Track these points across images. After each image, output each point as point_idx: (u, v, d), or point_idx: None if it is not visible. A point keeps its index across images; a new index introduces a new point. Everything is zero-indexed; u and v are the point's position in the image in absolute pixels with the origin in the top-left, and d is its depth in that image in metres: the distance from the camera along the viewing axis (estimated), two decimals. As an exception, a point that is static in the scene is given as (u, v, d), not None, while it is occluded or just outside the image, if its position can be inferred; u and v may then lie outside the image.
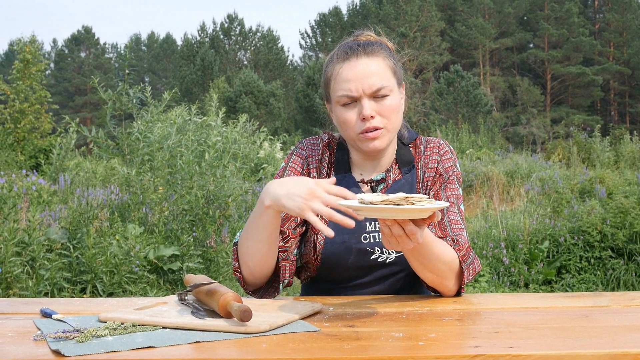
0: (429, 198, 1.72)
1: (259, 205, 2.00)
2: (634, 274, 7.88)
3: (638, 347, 1.45)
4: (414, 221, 1.74)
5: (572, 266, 8.03)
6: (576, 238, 8.25)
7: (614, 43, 53.80)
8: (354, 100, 2.17)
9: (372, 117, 2.15)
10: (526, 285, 7.88)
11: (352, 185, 2.28)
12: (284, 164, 2.36)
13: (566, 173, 13.91)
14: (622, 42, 53.30)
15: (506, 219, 9.48)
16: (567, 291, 7.67)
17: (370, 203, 1.68)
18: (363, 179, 2.30)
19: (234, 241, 2.18)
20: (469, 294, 2.24)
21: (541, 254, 8.16)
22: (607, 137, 19.36)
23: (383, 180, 2.29)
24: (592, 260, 8.08)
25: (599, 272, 7.97)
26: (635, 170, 14.73)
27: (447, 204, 1.76)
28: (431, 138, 2.37)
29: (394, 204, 1.66)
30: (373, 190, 2.29)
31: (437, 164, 2.29)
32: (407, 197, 1.68)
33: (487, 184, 13.87)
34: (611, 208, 8.50)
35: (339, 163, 2.32)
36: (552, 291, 7.72)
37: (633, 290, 7.64)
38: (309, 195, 1.83)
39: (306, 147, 2.36)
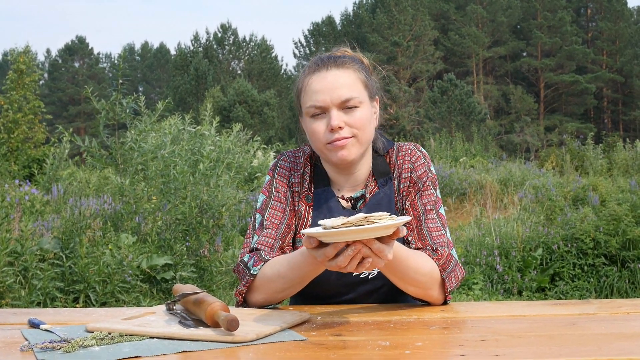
0: (390, 215, 1.72)
1: (314, 262, 1.95)
2: (627, 281, 7.90)
3: (624, 355, 1.45)
4: (380, 239, 1.73)
5: (565, 273, 8.03)
6: (569, 245, 8.26)
7: (607, 51, 54.02)
8: (322, 111, 2.16)
9: (340, 127, 2.13)
10: (519, 293, 7.88)
11: (331, 198, 2.27)
12: (268, 177, 2.34)
13: (559, 181, 13.93)
14: (615, 50, 53.54)
15: (499, 226, 9.49)
16: (560, 298, 7.68)
17: (332, 228, 1.68)
18: (343, 196, 2.29)
19: (252, 272, 2.12)
20: (457, 302, 2.25)
21: (534, 261, 8.17)
22: (600, 145, 19.41)
23: (363, 196, 2.28)
24: (586, 268, 8.09)
25: (592, 279, 7.97)
26: (628, 177, 14.76)
27: (409, 218, 1.75)
28: (402, 144, 2.34)
29: (355, 226, 1.66)
30: (354, 207, 2.27)
31: (411, 172, 2.27)
32: (366, 217, 1.68)
33: (480, 192, 13.89)
34: (604, 215, 8.51)
35: (318, 177, 2.31)
36: (545, 298, 7.72)
37: (626, 298, 7.65)
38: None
39: (289, 159, 2.35)
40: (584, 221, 8.54)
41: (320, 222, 1.74)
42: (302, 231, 1.78)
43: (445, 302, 2.17)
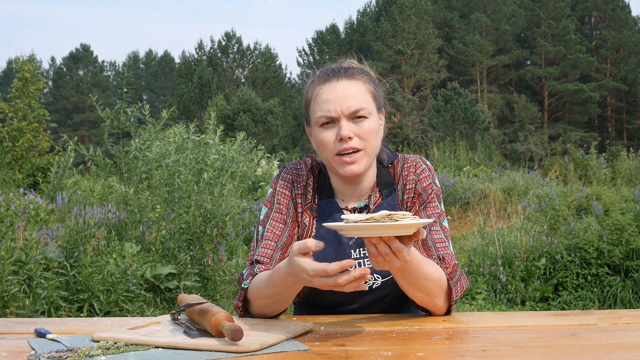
0: (413, 215, 1.73)
1: (296, 281, 1.92)
2: (630, 291, 7.89)
3: (623, 365, 1.47)
4: (400, 239, 1.74)
5: (568, 283, 8.03)
6: (573, 255, 8.25)
7: (611, 60, 53.98)
8: (332, 121, 2.18)
9: (349, 138, 2.15)
10: (523, 303, 7.88)
11: (336, 210, 2.28)
12: (271, 189, 2.35)
13: (563, 190, 13.93)
14: (618, 59, 53.50)
15: (503, 236, 9.48)
16: (564, 308, 7.68)
17: (355, 222, 1.69)
18: (347, 207, 2.30)
19: (243, 286, 2.16)
20: (459, 312, 2.26)
21: (538, 271, 8.16)
22: (604, 154, 19.41)
23: (366, 207, 2.29)
24: (589, 277, 8.08)
25: (595, 289, 7.97)
26: (632, 186, 14.74)
27: (432, 220, 1.78)
28: (408, 156, 2.36)
29: (378, 222, 1.67)
30: None
31: (415, 184, 2.29)
32: (390, 214, 1.69)
33: (484, 201, 13.88)
34: (608, 225, 8.50)
35: (321, 188, 2.33)
36: (549, 308, 7.72)
37: (630, 308, 7.64)
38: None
39: (291, 172, 2.36)
40: (588, 231, 8.53)
41: (343, 216, 1.75)
42: (324, 224, 1.80)
43: (448, 312, 2.19)
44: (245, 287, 2.15)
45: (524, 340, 1.75)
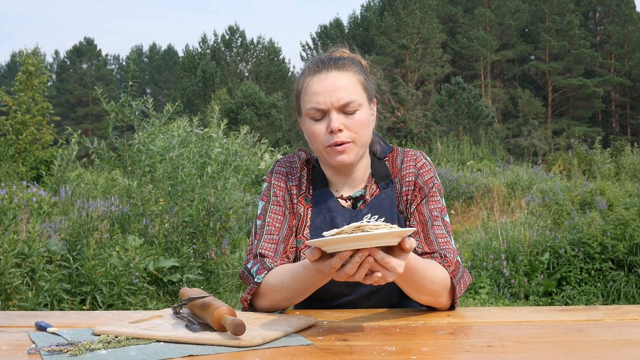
0: (390, 225, 1.69)
1: (318, 276, 1.97)
2: (634, 286, 7.87)
3: (630, 362, 1.45)
4: (391, 253, 1.72)
5: (572, 278, 8.01)
6: (576, 250, 8.24)
7: (615, 55, 53.89)
8: (322, 114, 2.16)
9: (339, 130, 2.14)
10: (526, 297, 7.87)
11: (330, 198, 2.28)
12: (266, 184, 2.35)
13: (567, 185, 13.92)
14: (623, 54, 53.42)
15: (506, 230, 9.47)
16: (567, 303, 7.66)
17: (332, 236, 1.66)
18: (342, 195, 2.29)
19: (256, 280, 2.13)
20: (464, 307, 2.25)
21: (541, 265, 8.15)
22: (608, 149, 19.39)
23: (362, 197, 2.28)
24: (593, 272, 8.07)
25: (599, 284, 7.95)
26: (636, 182, 14.73)
27: (413, 229, 1.72)
28: (408, 150, 2.34)
29: (348, 234, 1.64)
30: (354, 206, 2.28)
31: (415, 177, 2.27)
32: (360, 226, 1.65)
33: (487, 196, 13.87)
34: (611, 220, 8.49)
35: (315, 179, 2.32)
36: (552, 303, 7.71)
37: (633, 303, 7.62)
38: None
39: (285, 165, 2.36)
40: (591, 225, 8.52)
41: (324, 233, 1.73)
42: (307, 242, 1.77)
43: (452, 307, 2.18)
44: (259, 281, 2.12)
45: (529, 336, 1.74)
